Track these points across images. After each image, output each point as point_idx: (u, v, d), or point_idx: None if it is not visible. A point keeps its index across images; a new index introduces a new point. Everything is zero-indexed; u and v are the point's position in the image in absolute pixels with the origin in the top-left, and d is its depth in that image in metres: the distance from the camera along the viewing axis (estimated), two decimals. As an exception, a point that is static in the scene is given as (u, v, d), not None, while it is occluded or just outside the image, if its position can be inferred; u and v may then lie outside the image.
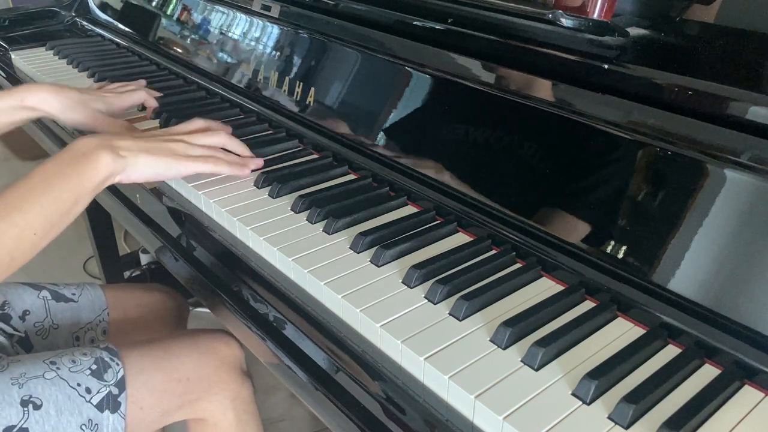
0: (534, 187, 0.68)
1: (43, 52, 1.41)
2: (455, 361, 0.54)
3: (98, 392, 0.77)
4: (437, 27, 0.84)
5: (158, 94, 1.06)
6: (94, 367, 0.78)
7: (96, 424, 0.75)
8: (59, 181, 0.68)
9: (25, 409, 0.73)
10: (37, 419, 0.73)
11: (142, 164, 0.74)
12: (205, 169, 0.79)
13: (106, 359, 0.79)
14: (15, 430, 0.71)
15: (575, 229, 0.64)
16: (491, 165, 0.73)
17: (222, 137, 0.83)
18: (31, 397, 0.73)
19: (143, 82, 1.08)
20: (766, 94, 0.56)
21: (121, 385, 0.78)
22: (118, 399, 0.77)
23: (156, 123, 1.04)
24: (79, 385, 0.76)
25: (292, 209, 0.78)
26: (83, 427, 0.75)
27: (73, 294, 0.99)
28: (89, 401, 0.76)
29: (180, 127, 0.83)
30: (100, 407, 0.76)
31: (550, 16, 0.66)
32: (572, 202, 0.65)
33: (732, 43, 0.60)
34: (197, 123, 0.84)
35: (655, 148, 0.60)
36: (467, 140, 0.75)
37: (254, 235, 0.74)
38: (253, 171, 0.85)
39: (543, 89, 0.70)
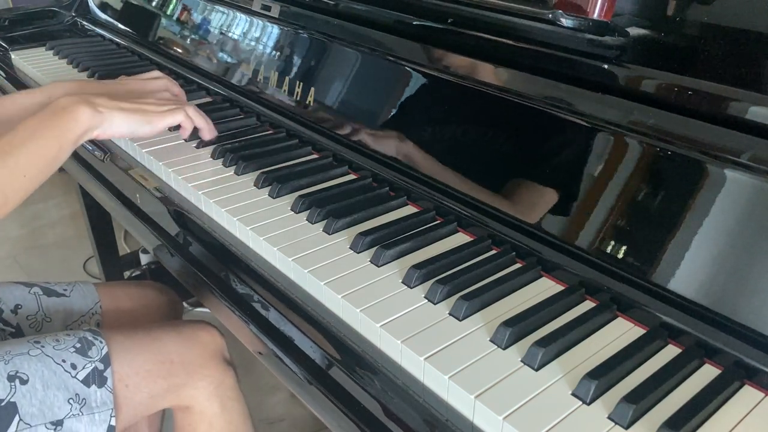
0: (534, 187, 0.68)
1: (43, 52, 1.41)
2: (455, 361, 0.54)
3: (84, 368, 0.77)
4: (437, 27, 0.84)
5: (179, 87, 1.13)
6: (78, 345, 0.79)
7: (83, 398, 0.76)
8: (44, 130, 0.76)
9: (12, 384, 0.73)
10: (24, 393, 0.73)
11: (117, 120, 0.81)
12: (174, 121, 0.88)
13: (90, 338, 0.80)
14: (3, 404, 0.72)
15: (575, 229, 0.64)
16: (490, 165, 0.73)
17: (182, 96, 0.96)
18: (17, 372, 0.74)
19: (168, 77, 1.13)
20: (766, 94, 0.56)
21: (105, 360, 0.79)
22: (104, 374, 0.78)
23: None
24: (64, 361, 0.77)
25: (292, 209, 0.78)
26: (71, 401, 0.75)
27: (65, 290, 1.00)
28: (75, 376, 0.76)
29: (139, 81, 0.96)
30: (86, 382, 0.77)
31: (550, 16, 0.66)
32: (572, 202, 0.65)
33: (732, 43, 0.60)
34: (153, 74, 0.99)
35: (655, 148, 0.60)
36: (467, 140, 0.75)
37: (254, 235, 0.74)
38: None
39: (543, 89, 0.70)
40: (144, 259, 1.77)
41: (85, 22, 1.58)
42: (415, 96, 0.82)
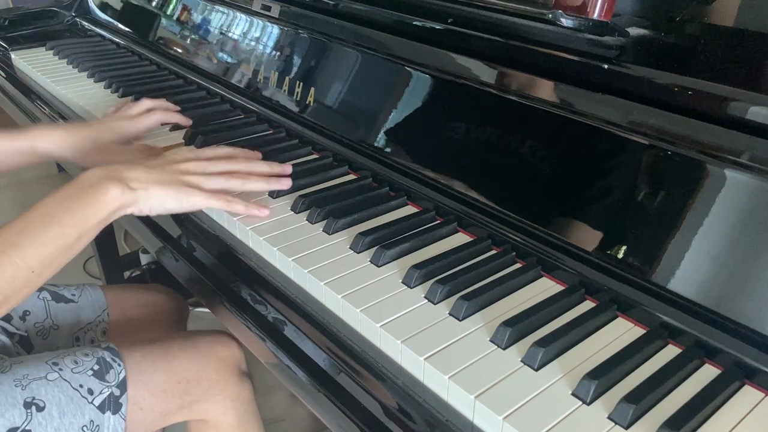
0: (534, 187, 0.68)
1: (43, 52, 1.41)
2: (455, 361, 0.54)
3: (100, 393, 0.77)
4: (437, 27, 0.84)
5: (177, 109, 1.01)
6: (96, 367, 0.78)
7: (97, 425, 0.76)
8: (62, 216, 0.65)
9: (29, 411, 0.73)
10: (40, 421, 0.73)
11: (153, 197, 0.70)
12: (218, 206, 0.74)
13: (108, 360, 0.80)
14: (19, 431, 0.71)
15: (575, 229, 0.64)
16: (491, 165, 0.73)
17: (243, 163, 0.78)
18: (34, 398, 0.73)
19: (162, 101, 1.01)
20: (766, 94, 0.56)
21: (122, 386, 0.78)
22: (120, 400, 0.77)
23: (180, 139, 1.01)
24: (81, 386, 0.76)
25: (292, 209, 0.78)
26: (84, 428, 0.75)
27: (73, 295, 0.99)
28: (91, 402, 0.76)
29: (202, 152, 0.78)
30: (101, 408, 0.76)
31: (550, 16, 0.66)
32: (572, 202, 0.65)
33: (732, 43, 0.60)
34: (221, 150, 0.80)
35: (655, 148, 0.60)
36: (467, 140, 0.75)
37: (254, 235, 0.74)
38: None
39: (543, 89, 0.70)
40: (144, 259, 1.77)
41: (85, 22, 1.58)
42: (415, 96, 0.82)
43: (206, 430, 0.89)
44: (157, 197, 0.71)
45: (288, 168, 0.83)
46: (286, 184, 0.81)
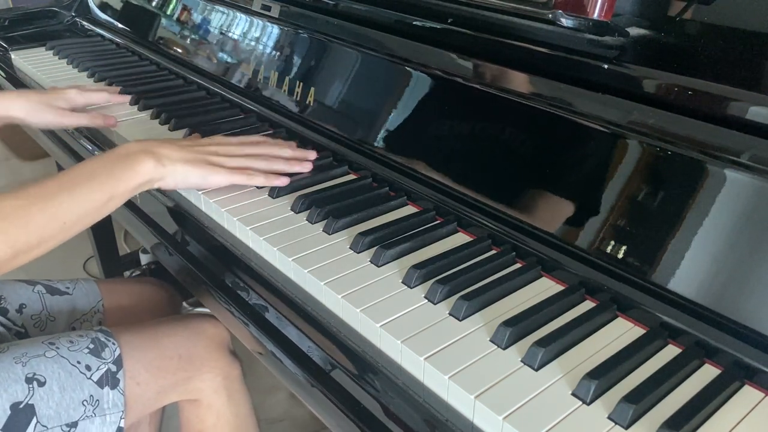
0: (534, 187, 0.68)
1: (43, 52, 1.41)
2: (455, 361, 0.54)
3: (98, 369, 0.78)
4: (437, 27, 0.84)
5: (125, 99, 1.11)
6: (91, 346, 0.80)
7: (97, 399, 0.77)
8: (98, 177, 0.71)
9: (30, 385, 0.73)
10: (41, 395, 0.74)
11: (180, 174, 0.77)
12: (240, 181, 0.80)
13: (102, 339, 0.81)
14: (21, 406, 0.72)
15: (575, 229, 0.64)
16: (491, 165, 0.73)
17: (268, 148, 0.85)
18: (35, 374, 0.74)
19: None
20: (766, 94, 0.56)
21: (118, 362, 0.79)
22: (117, 376, 0.79)
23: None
24: (79, 362, 0.77)
25: (292, 209, 0.78)
26: (85, 402, 0.76)
27: (67, 287, 1.00)
28: (90, 378, 0.77)
29: (231, 139, 0.86)
30: (100, 384, 0.77)
31: (550, 16, 0.66)
32: (572, 202, 0.65)
33: (732, 43, 0.60)
34: (250, 138, 0.87)
35: (655, 148, 0.60)
36: (467, 140, 0.75)
37: (254, 235, 0.74)
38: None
39: (543, 89, 0.70)
40: (144, 259, 1.77)
41: (85, 22, 1.58)
42: (415, 96, 0.82)
43: (198, 410, 0.90)
44: (183, 172, 0.77)
45: (312, 154, 0.88)
46: (307, 167, 0.86)
